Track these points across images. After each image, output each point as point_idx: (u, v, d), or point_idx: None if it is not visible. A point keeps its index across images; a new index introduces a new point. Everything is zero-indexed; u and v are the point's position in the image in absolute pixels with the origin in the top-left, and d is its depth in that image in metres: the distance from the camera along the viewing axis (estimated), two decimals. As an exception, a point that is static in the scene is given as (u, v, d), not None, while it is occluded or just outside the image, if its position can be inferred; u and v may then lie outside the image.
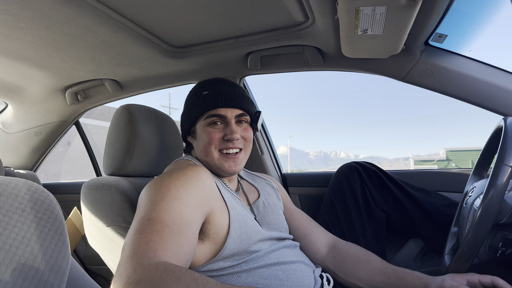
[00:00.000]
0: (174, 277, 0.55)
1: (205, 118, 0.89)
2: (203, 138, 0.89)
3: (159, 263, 0.57)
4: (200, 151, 0.91)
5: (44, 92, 1.57)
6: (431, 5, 0.86)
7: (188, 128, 0.94)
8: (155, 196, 0.72)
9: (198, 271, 0.79)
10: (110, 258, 0.89)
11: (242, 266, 0.78)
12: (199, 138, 0.91)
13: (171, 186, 0.73)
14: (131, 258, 0.59)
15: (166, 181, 0.74)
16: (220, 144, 0.87)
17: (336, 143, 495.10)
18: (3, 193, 0.47)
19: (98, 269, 1.78)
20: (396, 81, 1.25)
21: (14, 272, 0.44)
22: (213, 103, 0.88)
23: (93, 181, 0.91)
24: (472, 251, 0.71)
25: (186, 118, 0.93)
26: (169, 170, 0.83)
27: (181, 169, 0.79)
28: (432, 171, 1.39)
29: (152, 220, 0.66)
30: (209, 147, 0.87)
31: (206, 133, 0.88)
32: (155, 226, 0.65)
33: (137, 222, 0.68)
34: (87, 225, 0.91)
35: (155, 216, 0.67)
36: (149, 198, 0.72)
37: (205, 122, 0.89)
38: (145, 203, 0.71)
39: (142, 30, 1.07)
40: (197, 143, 0.92)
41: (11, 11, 0.89)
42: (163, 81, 1.50)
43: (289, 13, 0.98)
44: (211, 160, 0.88)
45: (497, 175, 0.68)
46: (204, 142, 0.88)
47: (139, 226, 0.66)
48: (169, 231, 0.65)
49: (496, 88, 1.06)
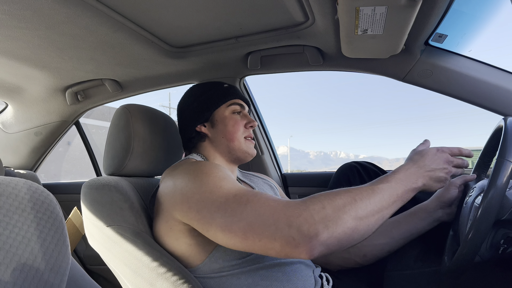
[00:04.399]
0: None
1: (229, 105, 0.97)
2: (230, 124, 0.95)
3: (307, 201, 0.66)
4: (223, 137, 0.95)
5: (44, 92, 1.57)
6: (431, 5, 0.86)
7: (206, 117, 0.97)
8: (208, 179, 0.74)
9: (196, 271, 0.79)
10: (110, 258, 0.89)
11: (242, 267, 0.78)
12: (221, 124, 0.96)
13: (212, 169, 0.77)
14: (286, 223, 0.63)
15: (203, 170, 0.77)
16: (244, 131, 0.97)
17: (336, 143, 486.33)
18: (3, 193, 0.47)
19: (98, 269, 1.78)
20: (396, 81, 1.25)
21: (14, 272, 0.44)
22: (236, 94, 1.00)
23: (93, 181, 0.91)
24: (473, 249, 0.70)
25: (205, 108, 0.97)
26: (184, 168, 0.81)
27: (200, 162, 0.82)
28: (432, 171, 1.39)
29: (238, 194, 0.70)
30: (237, 133, 0.95)
31: (232, 119, 0.96)
32: (251, 191, 0.71)
33: (227, 205, 0.68)
34: (87, 225, 0.91)
35: (234, 190, 0.71)
36: (206, 187, 0.72)
37: (230, 109, 0.97)
38: (208, 191, 0.71)
39: (142, 30, 1.07)
40: (217, 130, 0.96)
41: (11, 11, 0.89)
42: (163, 81, 1.50)
43: (289, 13, 0.98)
44: (238, 145, 0.94)
45: (499, 171, 0.68)
46: (230, 128, 0.95)
47: (236, 203, 0.68)
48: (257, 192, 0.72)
49: (496, 88, 1.06)
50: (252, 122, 0.98)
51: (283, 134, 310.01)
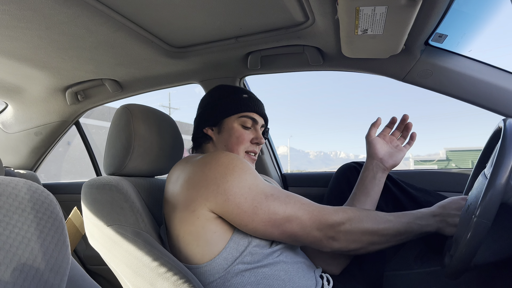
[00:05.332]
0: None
1: (239, 117, 0.97)
2: (234, 135, 0.95)
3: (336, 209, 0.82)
4: (225, 145, 0.96)
5: (44, 92, 1.57)
6: (431, 5, 0.86)
7: (215, 122, 0.98)
8: (246, 175, 0.79)
9: (199, 270, 0.79)
10: (111, 258, 0.89)
11: (245, 265, 0.78)
12: (226, 133, 0.96)
13: (246, 164, 0.83)
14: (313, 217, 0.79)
15: (237, 164, 0.81)
16: (248, 146, 0.97)
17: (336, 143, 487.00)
18: (3, 193, 0.47)
19: (98, 269, 1.78)
20: (396, 81, 1.25)
21: (14, 272, 0.44)
22: (253, 107, 0.98)
23: (93, 181, 0.92)
24: (472, 250, 0.70)
25: (216, 113, 0.98)
26: (213, 158, 0.83)
27: (231, 155, 0.84)
28: (432, 171, 1.39)
29: (275, 193, 0.80)
30: (239, 146, 0.95)
31: (238, 132, 0.96)
32: (283, 192, 0.82)
33: (262, 203, 0.77)
34: (87, 225, 0.91)
35: (269, 188, 0.81)
36: (244, 182, 0.78)
37: (239, 121, 0.97)
38: (244, 189, 0.78)
39: (142, 30, 1.07)
40: (222, 137, 0.97)
41: (11, 11, 0.89)
42: (163, 81, 1.50)
43: (289, 13, 0.98)
44: None
45: (498, 171, 0.68)
46: (233, 140, 0.95)
47: (271, 202, 0.78)
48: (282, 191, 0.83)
49: (496, 88, 1.06)
50: (259, 139, 0.97)
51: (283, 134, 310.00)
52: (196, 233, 0.79)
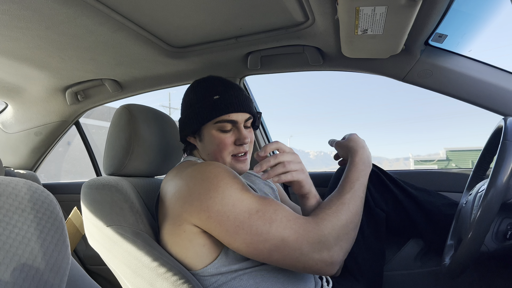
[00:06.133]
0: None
1: (215, 123, 0.88)
2: (215, 143, 0.88)
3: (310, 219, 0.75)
4: (208, 154, 0.91)
5: (44, 92, 1.57)
6: (431, 5, 0.86)
7: (193, 130, 0.92)
8: (230, 191, 0.74)
9: (198, 273, 0.79)
10: (110, 258, 0.89)
11: (244, 268, 0.78)
12: (207, 141, 0.90)
13: (231, 178, 0.77)
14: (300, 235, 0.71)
15: (222, 177, 0.76)
16: (233, 149, 0.89)
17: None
18: (3, 193, 0.47)
19: (98, 269, 1.78)
20: (396, 81, 1.25)
21: (14, 272, 0.44)
22: (226, 108, 0.87)
23: (93, 181, 0.91)
24: (475, 248, 0.70)
25: (192, 121, 0.90)
26: (199, 171, 0.79)
27: (216, 166, 0.80)
28: (432, 171, 1.39)
29: (261, 210, 0.73)
30: (222, 153, 0.89)
31: (217, 138, 0.88)
32: (271, 206, 0.74)
33: (251, 219, 0.72)
34: (87, 225, 0.91)
35: (256, 204, 0.74)
36: (228, 199, 0.73)
37: (216, 127, 0.88)
38: (232, 204, 0.72)
39: (142, 30, 1.07)
40: (204, 146, 0.91)
41: (11, 11, 0.89)
42: (163, 81, 1.50)
43: (289, 13, 0.98)
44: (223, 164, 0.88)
45: (499, 171, 0.68)
46: (215, 147, 0.89)
47: (259, 219, 0.72)
48: (274, 202, 0.76)
49: (496, 88, 1.06)
50: (241, 139, 0.88)
51: (283, 134, 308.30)
52: (183, 246, 0.79)
